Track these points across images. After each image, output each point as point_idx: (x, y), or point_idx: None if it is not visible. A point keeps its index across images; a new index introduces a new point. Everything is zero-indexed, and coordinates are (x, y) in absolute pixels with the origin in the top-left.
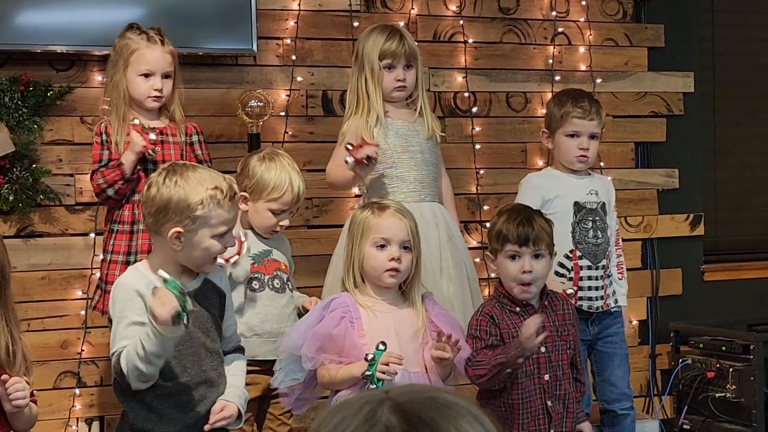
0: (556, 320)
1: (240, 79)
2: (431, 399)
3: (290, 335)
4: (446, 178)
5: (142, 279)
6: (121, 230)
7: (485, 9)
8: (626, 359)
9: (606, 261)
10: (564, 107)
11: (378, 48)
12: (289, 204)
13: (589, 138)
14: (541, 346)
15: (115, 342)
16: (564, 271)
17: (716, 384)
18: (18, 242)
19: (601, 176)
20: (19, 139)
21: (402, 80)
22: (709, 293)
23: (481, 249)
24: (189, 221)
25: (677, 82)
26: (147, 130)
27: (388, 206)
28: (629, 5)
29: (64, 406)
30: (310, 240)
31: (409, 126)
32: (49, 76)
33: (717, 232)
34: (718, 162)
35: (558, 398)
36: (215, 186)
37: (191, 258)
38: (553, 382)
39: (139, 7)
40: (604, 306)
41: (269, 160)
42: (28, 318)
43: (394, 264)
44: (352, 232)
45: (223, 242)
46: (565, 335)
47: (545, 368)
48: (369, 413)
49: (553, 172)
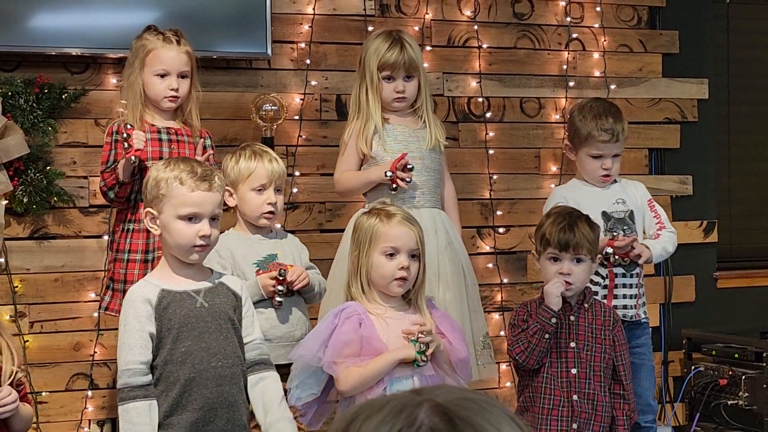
0: (594, 323)
1: (254, 83)
2: (468, 400)
3: (304, 348)
4: (450, 183)
5: (149, 285)
6: (137, 229)
7: (500, 14)
8: (652, 372)
9: (639, 269)
10: (588, 128)
11: (377, 58)
12: (266, 178)
13: (612, 157)
14: (572, 342)
15: (122, 350)
16: (598, 278)
17: (729, 391)
18: (32, 244)
19: (629, 182)
20: (34, 141)
21: (401, 92)
22: (722, 300)
23: (493, 254)
24: (156, 200)
25: (691, 88)
26: (136, 136)
27: (395, 214)
28: (644, 11)
29: (77, 407)
30: (322, 244)
31: (411, 132)
32: (64, 79)
33: (730, 239)
34: (732, 169)
35: (586, 396)
36: (184, 169)
37: (172, 245)
38: (581, 378)
39: (154, 10)
40: (636, 316)
41: (236, 153)
42: (40, 320)
43: (402, 273)
44: (358, 238)
45: (194, 228)
46: (600, 338)
47: (573, 362)
48: (409, 416)
49: (578, 184)
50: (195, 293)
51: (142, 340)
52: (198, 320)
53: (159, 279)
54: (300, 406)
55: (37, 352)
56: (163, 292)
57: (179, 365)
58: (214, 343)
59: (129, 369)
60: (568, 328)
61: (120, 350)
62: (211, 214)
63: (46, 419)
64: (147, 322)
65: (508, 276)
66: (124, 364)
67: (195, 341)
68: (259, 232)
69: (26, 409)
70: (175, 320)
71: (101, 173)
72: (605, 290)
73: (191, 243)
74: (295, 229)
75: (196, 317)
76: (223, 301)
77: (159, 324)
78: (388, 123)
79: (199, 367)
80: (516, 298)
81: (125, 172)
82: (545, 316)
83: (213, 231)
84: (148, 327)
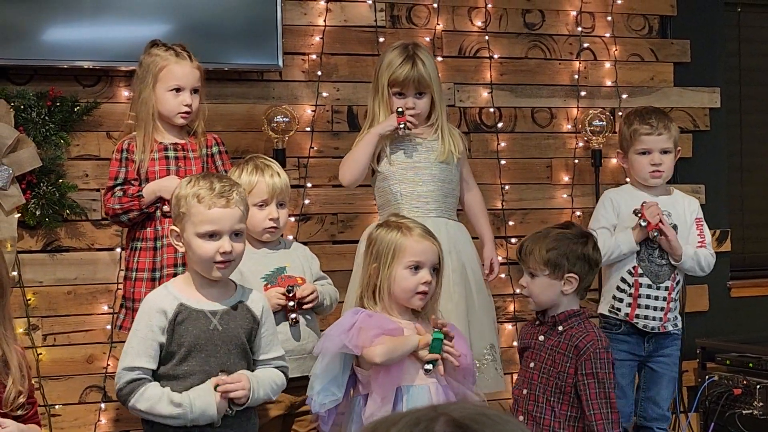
0: (559, 347)
1: (266, 95)
2: (484, 415)
3: (327, 338)
4: (476, 190)
5: (169, 297)
6: (145, 247)
7: (510, 24)
8: (673, 382)
9: (671, 283)
10: (632, 125)
11: (389, 74)
12: (267, 193)
13: (660, 153)
14: (532, 362)
15: (127, 353)
16: (625, 286)
17: (743, 401)
18: (44, 257)
19: (684, 196)
20: (46, 154)
21: (411, 108)
22: (736, 309)
23: (506, 265)
24: (179, 218)
25: (703, 97)
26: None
27: (414, 227)
28: (655, 20)
29: (90, 420)
30: (335, 255)
31: (422, 143)
32: (76, 92)
33: (743, 248)
34: (745, 178)
35: (533, 418)
36: (203, 186)
37: (195, 262)
38: (530, 399)
39: (165, 23)
40: (661, 328)
41: (240, 167)
42: (54, 332)
43: (425, 287)
44: (377, 251)
45: (214, 246)
46: (558, 363)
47: (527, 383)
48: (425, 428)
49: (629, 188)
50: (211, 314)
51: (151, 350)
52: (208, 342)
53: (180, 291)
54: (323, 413)
55: (50, 365)
56: (181, 307)
57: (177, 382)
58: (216, 368)
59: (133, 370)
60: (534, 347)
61: (125, 353)
62: (231, 230)
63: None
64: (159, 333)
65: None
66: (127, 366)
67: (199, 363)
68: (265, 246)
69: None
70: (187, 338)
71: (110, 190)
72: (630, 298)
73: (212, 260)
74: (307, 241)
75: (206, 339)
76: (239, 324)
77: (170, 337)
78: (398, 132)
79: None
80: (529, 308)
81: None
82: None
83: (236, 246)
84: (159, 338)
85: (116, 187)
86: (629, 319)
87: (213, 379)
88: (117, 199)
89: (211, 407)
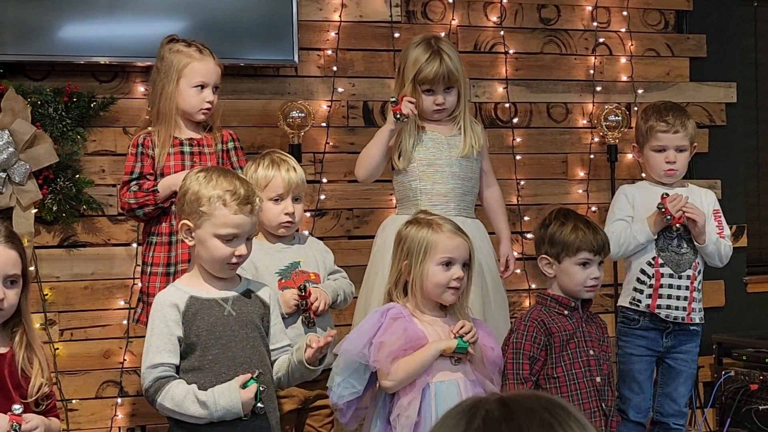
0: (598, 327)
1: (281, 90)
2: (534, 398)
3: (350, 342)
4: (495, 187)
5: (178, 292)
6: (160, 242)
7: (526, 20)
8: (691, 379)
9: (693, 272)
10: (649, 121)
11: (415, 70)
12: (282, 188)
13: (676, 151)
14: (590, 349)
15: (148, 352)
16: (645, 278)
17: (760, 396)
18: (61, 252)
19: (700, 189)
20: (63, 149)
21: (441, 104)
22: (752, 305)
23: (522, 260)
24: (196, 215)
25: (719, 92)
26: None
27: (443, 223)
28: (671, 15)
29: (107, 415)
30: (350, 251)
31: (443, 139)
32: (93, 87)
33: (760, 244)
34: (761, 173)
35: (607, 404)
36: (228, 189)
37: (206, 259)
38: (603, 386)
39: (181, 19)
40: (687, 318)
41: (256, 161)
42: (70, 327)
43: (457, 283)
44: (408, 248)
45: (231, 248)
46: (606, 345)
47: (596, 371)
48: (475, 404)
49: (645, 184)
50: (223, 301)
51: (170, 344)
52: (225, 328)
53: (188, 285)
54: (342, 404)
55: (67, 360)
56: (192, 299)
57: (204, 373)
58: (240, 352)
59: (156, 367)
60: (578, 336)
61: (146, 353)
62: (248, 234)
63: (77, 427)
64: (175, 326)
65: (536, 281)
66: (151, 364)
67: (222, 350)
68: (279, 241)
69: (54, 424)
70: (203, 328)
71: (126, 185)
72: (650, 289)
73: (226, 261)
74: (323, 236)
75: (223, 325)
76: (251, 309)
77: (186, 330)
78: (422, 130)
79: (225, 377)
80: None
81: (166, 197)
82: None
83: (249, 249)
84: (176, 331)
85: (132, 182)
86: (651, 309)
87: (239, 377)
88: (132, 194)
89: (235, 405)
